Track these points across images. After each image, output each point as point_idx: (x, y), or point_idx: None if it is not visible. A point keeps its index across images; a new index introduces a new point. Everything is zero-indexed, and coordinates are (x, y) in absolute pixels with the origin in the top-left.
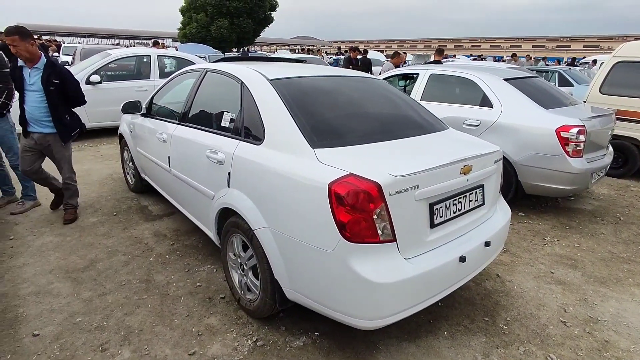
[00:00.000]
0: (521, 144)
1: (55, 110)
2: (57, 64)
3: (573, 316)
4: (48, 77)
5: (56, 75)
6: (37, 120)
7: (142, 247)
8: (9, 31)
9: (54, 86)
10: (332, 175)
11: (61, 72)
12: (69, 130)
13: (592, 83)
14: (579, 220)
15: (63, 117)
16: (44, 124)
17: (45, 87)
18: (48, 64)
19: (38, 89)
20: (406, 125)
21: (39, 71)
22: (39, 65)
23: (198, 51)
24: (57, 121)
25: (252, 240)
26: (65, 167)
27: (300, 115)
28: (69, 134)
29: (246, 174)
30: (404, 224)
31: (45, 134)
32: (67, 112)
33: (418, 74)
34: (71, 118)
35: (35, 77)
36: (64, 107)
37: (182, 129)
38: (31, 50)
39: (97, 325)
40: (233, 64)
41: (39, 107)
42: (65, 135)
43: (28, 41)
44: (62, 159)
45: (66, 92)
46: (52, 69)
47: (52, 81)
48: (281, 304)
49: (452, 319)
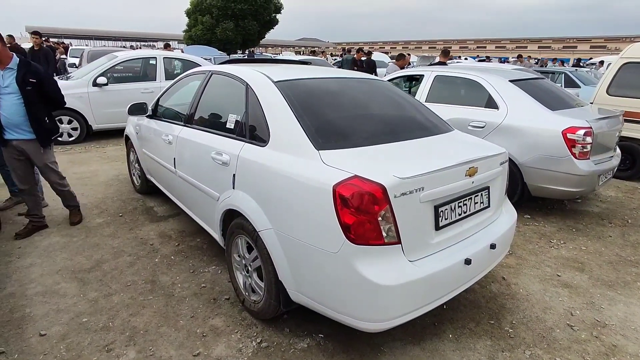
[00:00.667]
0: (527, 145)
1: (35, 112)
2: (32, 63)
3: (580, 320)
4: (24, 77)
5: (32, 74)
6: (16, 125)
7: (148, 248)
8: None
9: (31, 86)
10: (336, 177)
11: (37, 71)
12: (50, 134)
13: (599, 84)
14: (586, 222)
15: (43, 120)
16: (22, 129)
17: (22, 87)
18: (22, 63)
19: (14, 91)
20: (411, 127)
21: (12, 72)
22: (11, 65)
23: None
24: (37, 124)
25: (256, 241)
26: (52, 174)
27: (304, 117)
28: (49, 138)
29: (251, 175)
30: (409, 226)
31: (25, 141)
32: (47, 114)
33: (423, 76)
34: (51, 121)
35: (9, 79)
36: (43, 109)
37: (187, 131)
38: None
39: (102, 325)
40: (238, 66)
41: (17, 110)
42: (46, 139)
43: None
44: (46, 166)
45: (45, 92)
46: (27, 67)
47: (29, 80)
48: (285, 306)
49: (457, 321)
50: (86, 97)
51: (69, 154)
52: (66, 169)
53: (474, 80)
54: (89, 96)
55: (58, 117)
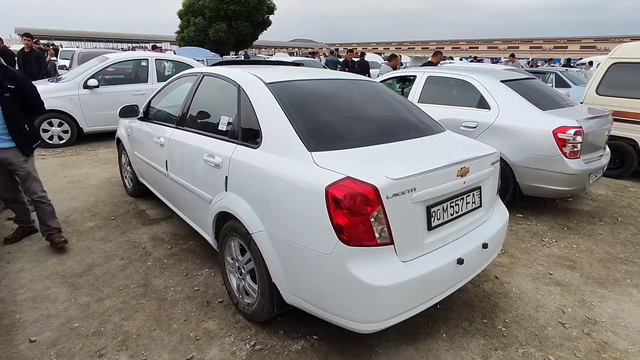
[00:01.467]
0: (518, 145)
1: (13, 119)
2: (10, 67)
3: (571, 317)
4: (1, 83)
5: (10, 79)
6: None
7: (140, 251)
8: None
9: (9, 92)
10: (329, 178)
11: (15, 76)
12: (31, 142)
13: (588, 84)
14: (577, 221)
15: (23, 128)
16: (1, 137)
17: (0, 93)
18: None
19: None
20: (403, 127)
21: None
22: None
23: (196, 54)
24: (17, 132)
25: (249, 244)
26: (34, 185)
27: (297, 119)
28: (30, 146)
29: (243, 177)
30: (402, 226)
31: (3, 150)
32: (26, 121)
33: (415, 77)
34: (31, 128)
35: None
36: (22, 117)
37: (179, 133)
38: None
39: (94, 330)
40: (230, 67)
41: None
42: (27, 147)
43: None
44: (28, 175)
45: (24, 98)
46: (5, 72)
47: (7, 86)
48: (279, 308)
49: (450, 321)
50: (77, 99)
51: (60, 157)
52: (57, 172)
53: (465, 81)
54: (80, 98)
55: (48, 120)
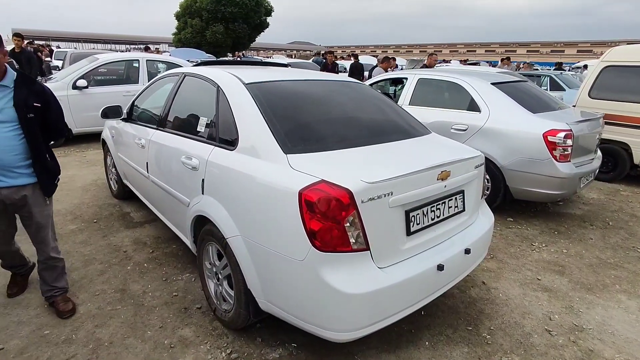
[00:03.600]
0: (509, 148)
1: (38, 148)
2: (35, 80)
3: (558, 324)
4: (26, 100)
5: (37, 95)
6: (6, 167)
7: (121, 255)
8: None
9: (34, 112)
10: (303, 181)
11: (44, 92)
12: (52, 177)
13: (581, 87)
14: (568, 225)
15: (43, 159)
16: (17, 171)
17: (23, 114)
18: (20, 79)
19: (9, 119)
20: (386, 130)
21: (7, 91)
22: (5, 82)
23: (191, 56)
24: (41, 164)
25: (225, 248)
26: (50, 235)
27: (274, 120)
28: (54, 182)
29: (219, 180)
30: (378, 232)
31: (21, 187)
32: (48, 150)
33: (407, 79)
34: (52, 159)
35: (2, 102)
36: (42, 143)
37: (159, 134)
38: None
39: (65, 338)
40: (212, 67)
41: (10, 146)
42: (51, 184)
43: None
44: (45, 223)
45: (48, 120)
46: (30, 87)
47: (32, 105)
48: (255, 315)
49: (434, 328)
50: (65, 100)
51: None
52: None
53: (456, 83)
54: (69, 99)
55: None
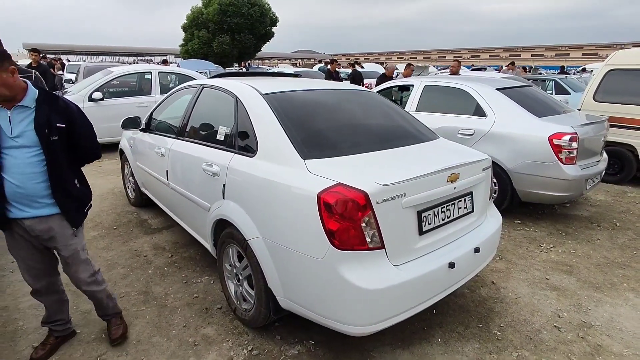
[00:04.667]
0: (515, 152)
1: (60, 174)
2: (59, 96)
3: (567, 321)
4: (49, 120)
5: (61, 114)
6: (29, 196)
7: (141, 259)
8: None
9: (57, 134)
10: (321, 185)
11: (68, 110)
12: (82, 206)
13: (585, 91)
14: (575, 226)
15: (72, 185)
16: (42, 201)
17: (45, 137)
18: (42, 97)
19: (31, 143)
20: (396, 135)
21: (28, 112)
22: (26, 102)
23: (199, 67)
24: (63, 192)
25: (246, 250)
26: (82, 271)
27: (291, 128)
28: (81, 211)
29: (240, 185)
30: (392, 231)
31: (45, 218)
32: (77, 175)
33: (413, 86)
34: (82, 184)
35: (22, 124)
36: (71, 168)
37: (179, 143)
38: (11, 82)
39: (95, 337)
40: (228, 79)
41: (34, 173)
42: (78, 214)
43: (5, 67)
44: (75, 257)
45: (77, 140)
46: (53, 105)
47: (55, 126)
48: (276, 313)
49: (446, 325)
50: None
51: None
52: None
53: (462, 89)
54: (85, 111)
55: None
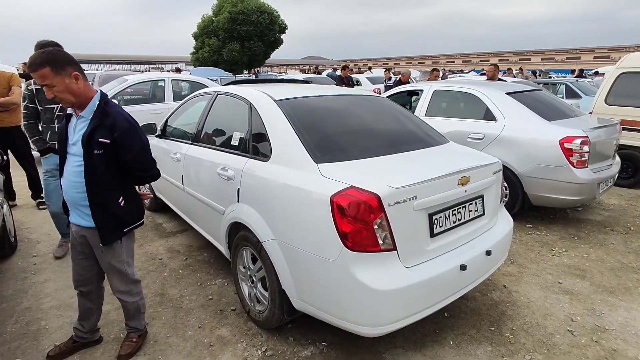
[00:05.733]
0: (525, 155)
1: (97, 189)
2: (115, 111)
3: (580, 325)
4: (94, 134)
5: (107, 130)
6: (74, 204)
7: (157, 262)
8: (34, 62)
9: (101, 149)
10: (334, 187)
11: (116, 126)
12: (119, 226)
13: (597, 94)
14: (588, 230)
15: (112, 203)
16: (83, 211)
17: (88, 150)
18: (98, 110)
19: (78, 152)
20: (407, 139)
21: (85, 123)
22: (85, 112)
23: (210, 74)
24: (100, 209)
25: (260, 252)
26: (116, 279)
27: (304, 133)
28: (118, 231)
29: (254, 189)
30: (404, 233)
31: (82, 227)
32: (124, 193)
33: (422, 90)
34: (128, 203)
35: (79, 134)
36: (115, 186)
37: (194, 149)
38: (74, 88)
39: (114, 336)
40: (242, 86)
41: (75, 182)
42: (110, 233)
43: (68, 73)
44: (107, 267)
45: (122, 159)
46: (103, 119)
47: (98, 140)
48: (289, 314)
49: (458, 328)
50: None
51: None
52: None
53: (471, 94)
54: None
55: None
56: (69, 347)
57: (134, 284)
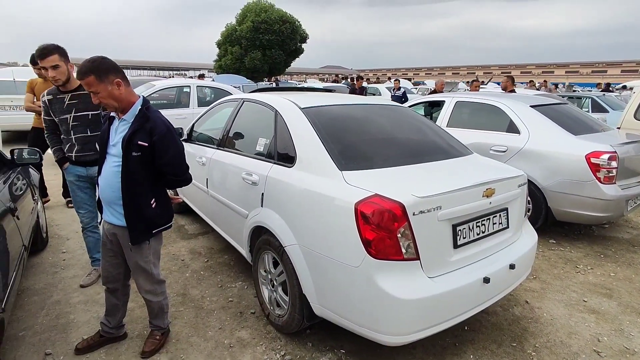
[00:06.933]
0: (550, 169)
1: (132, 189)
2: (155, 116)
3: (607, 346)
4: (134, 137)
5: (146, 133)
6: (108, 202)
7: (179, 263)
8: (81, 71)
9: (139, 151)
10: (358, 195)
11: (155, 131)
12: (149, 227)
13: (626, 109)
14: (615, 248)
15: (143, 204)
16: (116, 209)
17: (126, 151)
18: (139, 114)
19: (117, 153)
20: (430, 150)
21: (126, 126)
22: (127, 116)
23: (233, 81)
24: (133, 208)
25: (282, 256)
26: (141, 278)
27: (329, 141)
28: (147, 232)
29: (279, 194)
30: (428, 243)
31: (113, 225)
32: (156, 195)
33: (444, 101)
34: (159, 205)
35: (119, 136)
36: (148, 188)
37: (220, 153)
38: (117, 94)
39: (138, 333)
40: (268, 94)
41: (112, 182)
42: (140, 234)
43: (111, 80)
44: (134, 266)
45: (157, 162)
46: (143, 123)
47: (137, 144)
48: (309, 320)
49: (478, 342)
50: None
51: None
52: None
53: (494, 106)
54: None
55: None
56: (96, 341)
57: (158, 284)
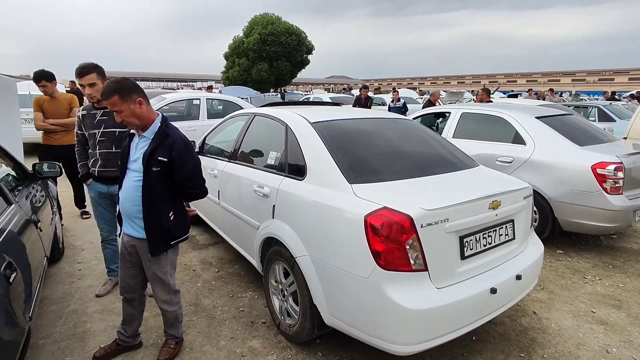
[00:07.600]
0: (556, 180)
1: (152, 203)
2: (174, 133)
3: (616, 358)
4: (154, 153)
5: (166, 149)
6: (129, 215)
7: (191, 273)
8: (106, 91)
9: (159, 166)
10: (367, 208)
11: (174, 147)
12: (167, 238)
13: (632, 118)
14: (624, 259)
15: (165, 217)
16: (136, 222)
17: (147, 167)
18: (159, 131)
19: (137, 169)
20: (437, 162)
21: (147, 142)
22: (147, 133)
23: (240, 93)
24: (153, 221)
25: (293, 267)
26: (158, 288)
27: (338, 154)
28: (165, 243)
29: (289, 206)
30: (435, 254)
31: (132, 238)
32: (175, 208)
33: (450, 113)
34: (177, 217)
35: (140, 152)
36: (167, 201)
37: (231, 166)
38: (138, 112)
39: (152, 342)
40: (278, 108)
41: (133, 196)
42: (159, 245)
43: (133, 99)
44: (152, 277)
45: (175, 176)
46: (163, 140)
47: (157, 159)
48: (319, 329)
49: (486, 353)
50: None
51: None
52: None
53: (500, 117)
54: None
55: None
56: (113, 350)
57: (174, 294)
